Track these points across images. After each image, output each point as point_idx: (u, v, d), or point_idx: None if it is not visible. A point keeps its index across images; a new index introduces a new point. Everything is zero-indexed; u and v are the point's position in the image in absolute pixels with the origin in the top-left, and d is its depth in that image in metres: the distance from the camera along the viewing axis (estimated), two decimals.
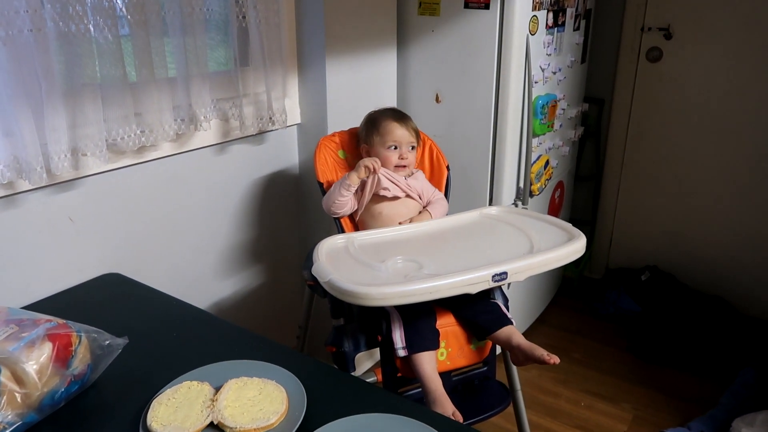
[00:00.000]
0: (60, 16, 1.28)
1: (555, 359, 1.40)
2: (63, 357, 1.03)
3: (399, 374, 1.49)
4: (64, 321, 1.09)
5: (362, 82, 2.07)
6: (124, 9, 1.43)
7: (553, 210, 2.54)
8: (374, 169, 1.63)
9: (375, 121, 1.73)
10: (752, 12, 2.45)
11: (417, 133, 1.73)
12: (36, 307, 1.35)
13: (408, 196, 1.70)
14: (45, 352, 1.01)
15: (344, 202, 1.65)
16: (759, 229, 2.64)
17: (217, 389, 1.05)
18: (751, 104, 2.54)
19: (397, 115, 1.72)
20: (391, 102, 2.21)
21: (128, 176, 1.58)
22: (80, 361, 1.06)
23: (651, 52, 2.71)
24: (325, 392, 1.09)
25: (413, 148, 1.72)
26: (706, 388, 2.27)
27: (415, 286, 1.21)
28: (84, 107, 1.37)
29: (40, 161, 1.30)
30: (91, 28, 1.35)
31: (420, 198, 1.73)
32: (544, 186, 2.31)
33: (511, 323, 1.52)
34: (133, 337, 1.16)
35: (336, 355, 1.51)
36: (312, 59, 1.94)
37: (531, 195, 2.19)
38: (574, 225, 1.49)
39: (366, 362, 2.24)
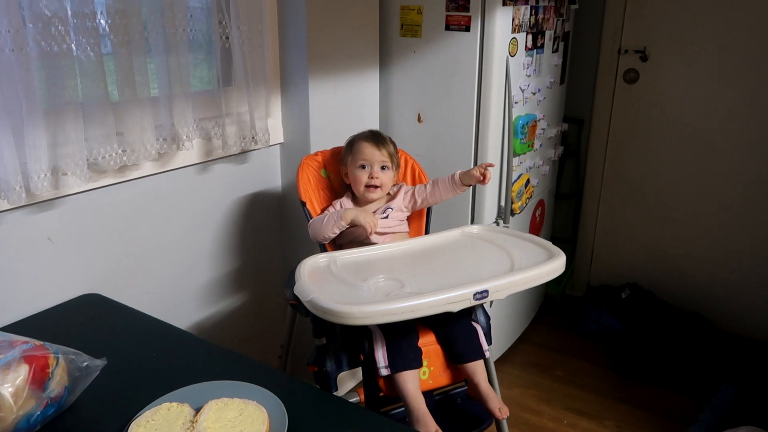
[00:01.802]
0: (42, 35, 1.29)
1: (504, 413, 1.47)
2: (39, 379, 1.01)
3: (381, 393, 1.48)
4: (41, 342, 1.07)
5: (345, 102, 2.08)
6: (107, 28, 1.43)
7: (534, 228, 2.56)
8: (370, 231, 1.58)
9: (351, 142, 1.74)
10: (725, 34, 2.52)
11: (391, 156, 1.71)
12: (13, 328, 1.33)
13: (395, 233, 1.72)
14: (21, 374, 0.99)
15: (333, 237, 1.65)
16: (737, 246, 2.69)
17: (197, 410, 1.04)
18: (726, 123, 2.61)
19: (372, 136, 1.71)
20: (373, 122, 2.23)
21: (109, 196, 1.57)
22: (57, 383, 1.04)
23: (628, 73, 2.77)
24: (307, 412, 1.08)
25: (386, 168, 1.70)
26: (687, 405, 2.29)
27: (397, 304, 1.21)
28: (65, 126, 1.36)
29: (19, 180, 1.29)
30: (74, 48, 1.35)
31: (409, 211, 1.76)
32: (525, 204, 2.34)
33: (484, 356, 1.54)
34: (112, 358, 1.14)
35: (318, 374, 1.51)
36: (295, 79, 1.95)
37: (512, 213, 2.22)
38: (555, 243, 1.51)
39: (348, 382, 2.23)
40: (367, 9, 2.10)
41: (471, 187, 2.12)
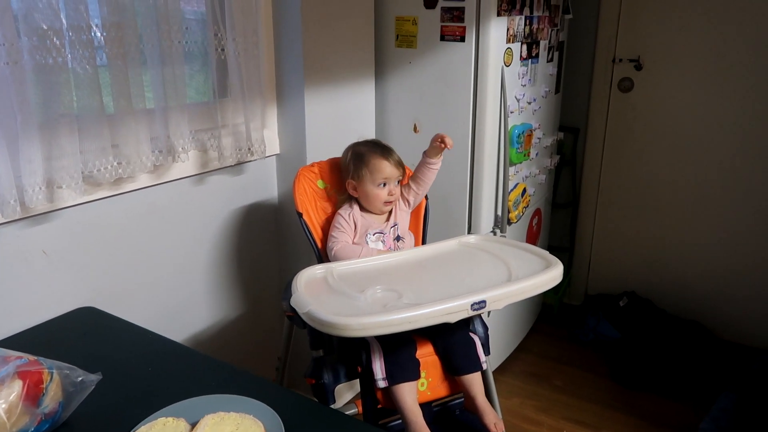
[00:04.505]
0: (37, 48, 1.29)
1: (500, 429, 1.46)
2: (33, 395, 1.00)
3: (380, 405, 1.47)
4: (36, 357, 1.06)
5: (341, 113, 2.09)
6: (102, 41, 1.43)
7: (531, 237, 2.56)
8: None
9: (363, 156, 1.69)
10: (718, 42, 2.54)
11: (402, 166, 1.72)
12: (7, 343, 1.32)
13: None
14: (15, 390, 0.98)
15: None
16: (735, 254, 2.69)
17: (193, 425, 1.03)
18: (721, 130, 2.61)
19: (384, 150, 1.70)
20: (369, 133, 2.23)
21: (105, 208, 1.56)
22: (51, 398, 1.04)
23: (622, 82, 2.79)
24: (305, 426, 1.07)
25: (399, 181, 1.72)
26: (686, 414, 2.28)
27: (395, 315, 1.20)
28: (60, 139, 1.36)
29: (13, 194, 1.28)
30: (69, 60, 1.35)
31: (411, 208, 1.80)
32: (521, 214, 2.34)
33: (481, 368, 1.53)
34: (107, 372, 1.13)
35: (315, 387, 1.50)
36: (291, 90, 1.96)
37: (509, 223, 2.22)
38: (551, 252, 1.51)
39: (346, 393, 2.21)
40: (363, 20, 2.11)
41: (468, 197, 2.13)
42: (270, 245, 2.13)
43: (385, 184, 1.68)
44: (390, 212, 1.74)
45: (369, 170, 1.68)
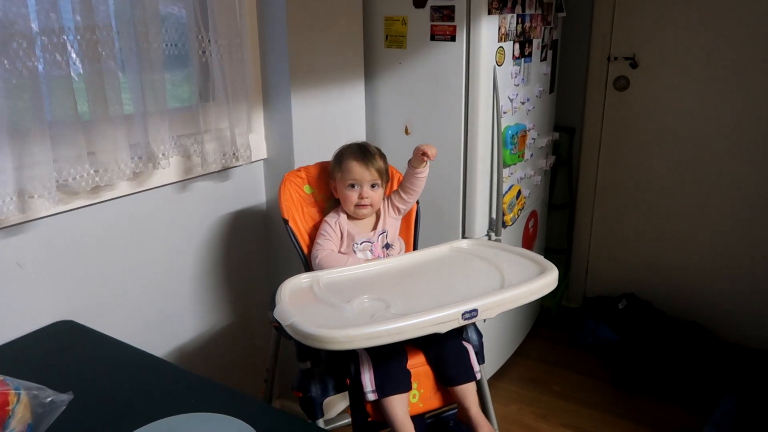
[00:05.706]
0: (4, 53, 1.23)
1: None
2: None
3: (370, 419, 1.42)
4: (2, 377, 1.01)
5: (330, 116, 2.04)
6: (76, 45, 1.38)
7: (528, 240, 2.51)
8: None
9: (340, 157, 1.67)
10: (714, 39, 2.50)
11: (381, 173, 1.65)
12: None
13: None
14: None
15: None
16: (734, 253, 2.65)
17: None
18: (718, 128, 2.57)
19: (361, 153, 1.65)
20: (360, 135, 2.18)
21: (82, 218, 1.50)
22: (18, 421, 0.98)
23: (618, 80, 2.74)
24: None
25: (376, 186, 1.65)
26: (688, 418, 2.23)
27: (381, 327, 1.15)
28: (32, 147, 1.30)
29: None
30: (39, 66, 1.29)
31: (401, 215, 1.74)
32: (517, 216, 2.29)
33: (475, 378, 1.49)
34: (82, 391, 1.08)
35: (303, 400, 1.45)
36: (277, 93, 1.91)
37: (504, 225, 2.17)
38: (549, 254, 1.47)
39: (339, 404, 2.16)
40: (351, 20, 2.06)
41: (461, 200, 2.08)
42: (258, 253, 2.07)
43: (354, 186, 1.63)
44: (378, 220, 1.69)
45: (341, 170, 1.64)
